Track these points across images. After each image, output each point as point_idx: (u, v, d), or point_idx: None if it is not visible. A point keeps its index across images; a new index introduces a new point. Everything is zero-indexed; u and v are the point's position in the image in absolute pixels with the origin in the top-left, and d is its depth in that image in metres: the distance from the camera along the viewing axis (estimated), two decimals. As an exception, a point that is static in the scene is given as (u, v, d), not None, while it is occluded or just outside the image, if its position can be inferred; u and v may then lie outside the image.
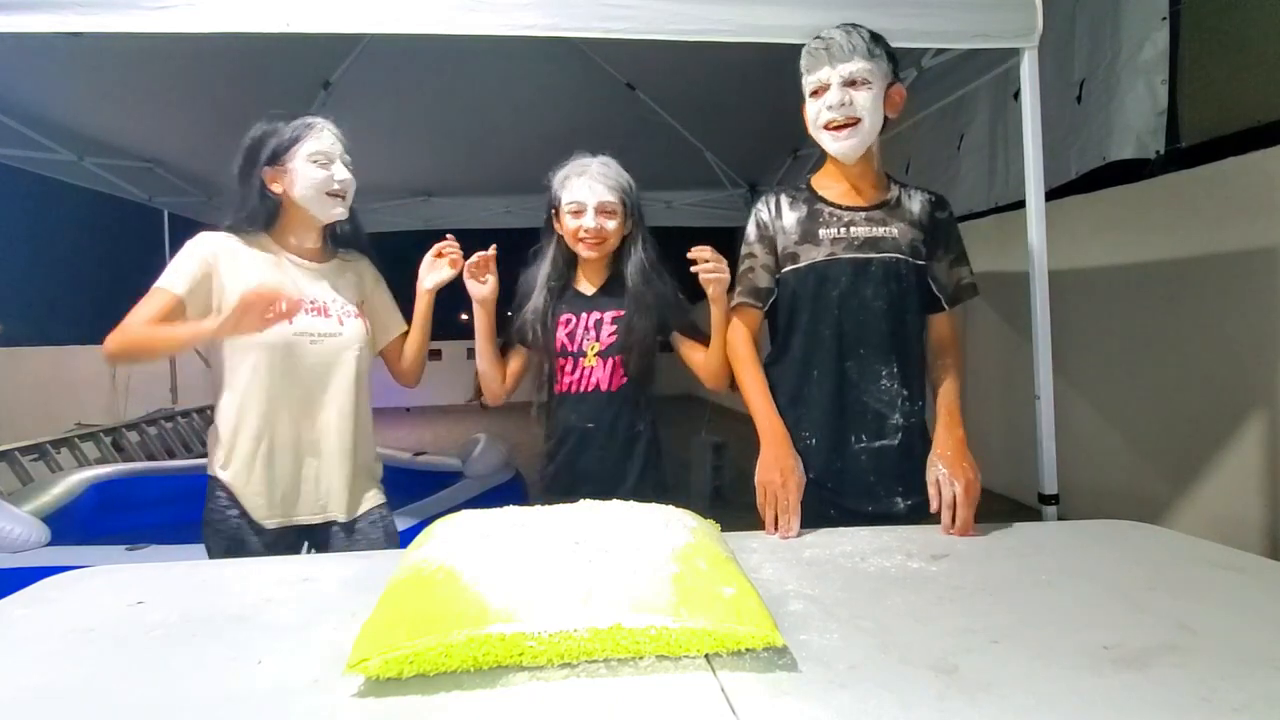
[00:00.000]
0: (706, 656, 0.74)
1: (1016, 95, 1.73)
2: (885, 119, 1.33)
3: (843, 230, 1.35)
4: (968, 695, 0.67)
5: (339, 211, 1.40)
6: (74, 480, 3.49)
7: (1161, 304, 3.11)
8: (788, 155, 4.11)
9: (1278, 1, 2.62)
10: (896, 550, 1.10)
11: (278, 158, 1.35)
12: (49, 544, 2.55)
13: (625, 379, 1.50)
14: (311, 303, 1.40)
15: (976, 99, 3.88)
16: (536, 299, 1.52)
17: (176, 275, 1.33)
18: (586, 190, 1.47)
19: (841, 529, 1.22)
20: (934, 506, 1.26)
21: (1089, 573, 1.00)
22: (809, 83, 1.32)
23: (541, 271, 1.54)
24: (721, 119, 3.83)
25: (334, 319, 1.42)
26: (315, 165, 1.35)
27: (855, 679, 0.70)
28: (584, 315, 1.52)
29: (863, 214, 1.35)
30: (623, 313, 1.50)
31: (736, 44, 1.58)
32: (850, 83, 1.27)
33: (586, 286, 1.56)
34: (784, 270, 1.38)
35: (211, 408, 1.41)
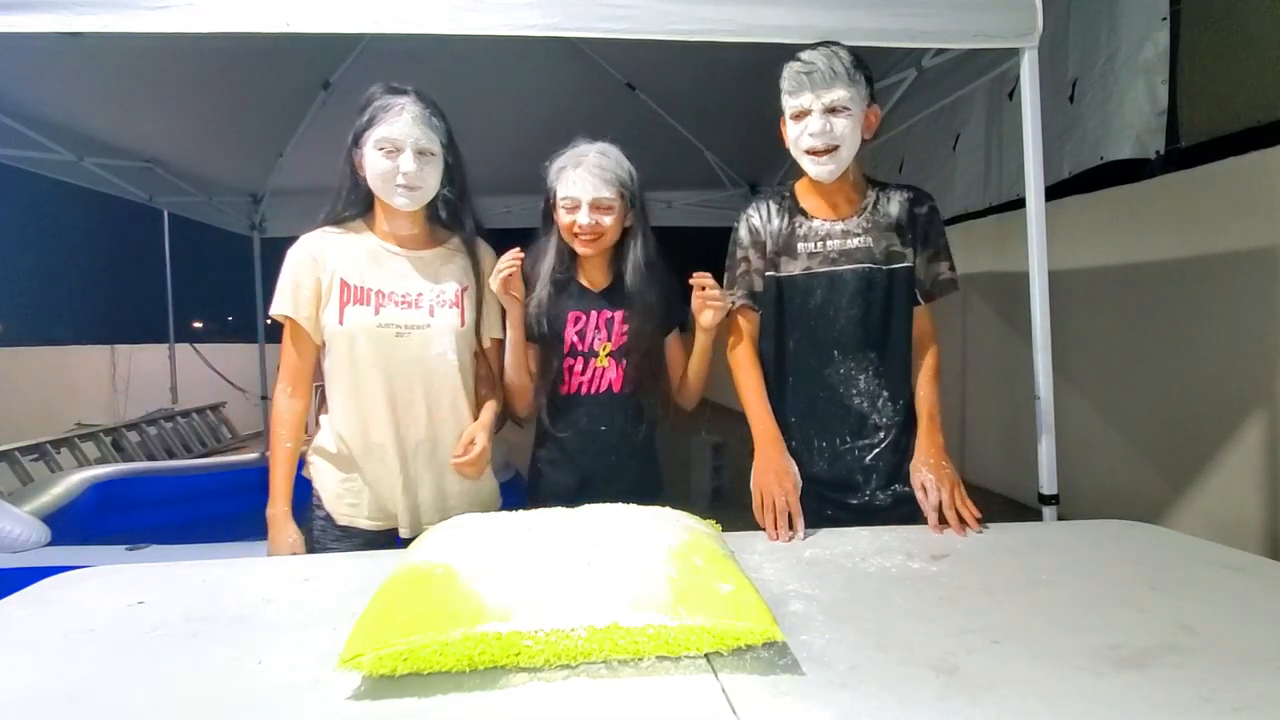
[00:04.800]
0: (707, 657, 0.74)
1: (1012, 95, 1.74)
2: (862, 139, 1.34)
3: (818, 244, 1.38)
4: (968, 695, 0.67)
5: (405, 202, 1.31)
6: (74, 480, 3.49)
7: (1161, 304, 3.11)
8: (788, 155, 4.11)
9: (1278, 2, 2.62)
10: (897, 550, 1.10)
11: (357, 140, 1.31)
12: (49, 544, 2.54)
13: (637, 380, 1.48)
14: (404, 295, 1.33)
15: (972, 99, 3.87)
16: (540, 293, 1.46)
17: (285, 299, 1.32)
18: (580, 185, 1.40)
19: (841, 529, 1.22)
20: (923, 504, 1.29)
21: (1089, 573, 1.00)
22: (790, 105, 1.32)
23: (545, 264, 1.48)
24: (721, 119, 3.82)
25: (424, 310, 1.34)
26: (381, 154, 1.28)
27: (856, 679, 0.70)
28: (594, 314, 1.47)
29: (839, 225, 1.38)
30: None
31: (736, 44, 1.58)
32: (831, 110, 1.28)
33: (592, 282, 1.51)
34: (765, 275, 1.42)
35: (212, 408, 1.43)
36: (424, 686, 0.69)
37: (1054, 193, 3.39)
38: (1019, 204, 1.73)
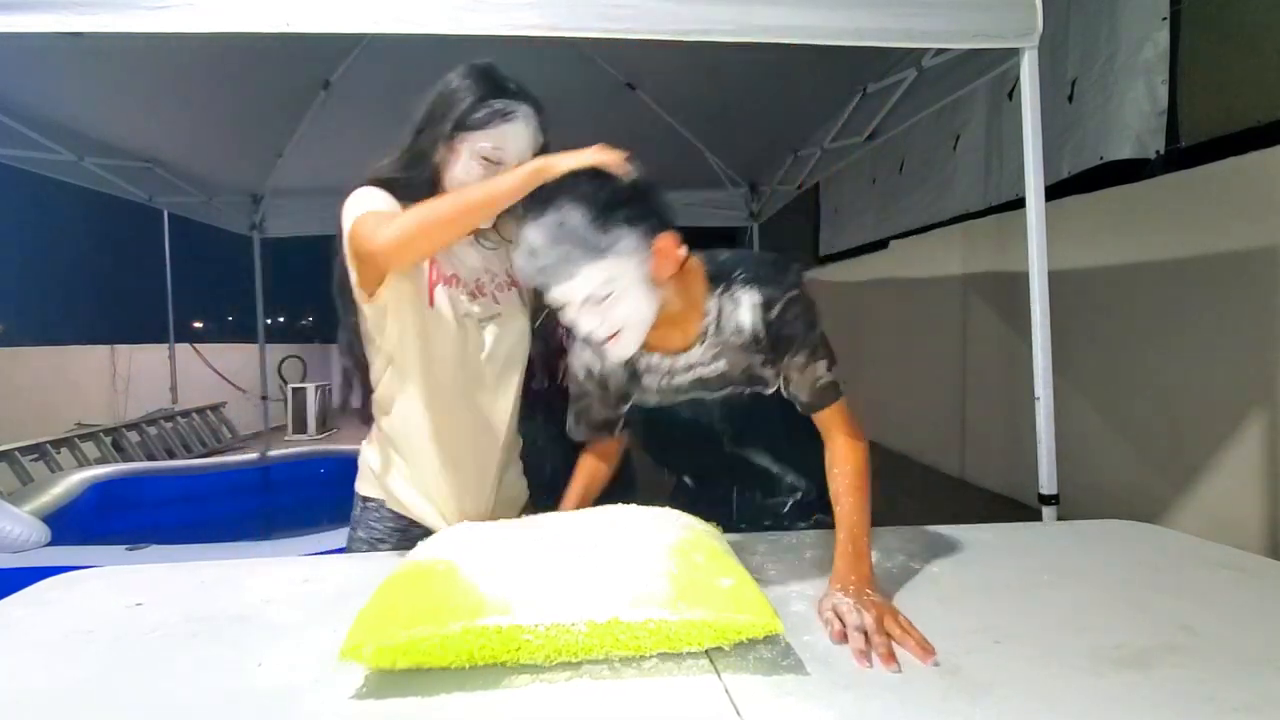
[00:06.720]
0: (710, 658, 0.74)
1: (1011, 95, 1.74)
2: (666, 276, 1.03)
3: (664, 380, 1.16)
4: (970, 695, 0.67)
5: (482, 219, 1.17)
6: (74, 480, 3.49)
7: (1161, 304, 3.11)
8: (788, 155, 4.11)
9: (1278, 2, 2.62)
10: (898, 550, 1.10)
11: (457, 130, 1.16)
12: (49, 544, 2.54)
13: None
14: (477, 282, 1.23)
15: (973, 100, 3.89)
16: None
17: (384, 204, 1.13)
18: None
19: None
20: (834, 635, 0.82)
21: (1089, 573, 1.00)
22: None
23: None
24: (721, 119, 3.82)
25: (489, 296, 1.24)
26: (478, 164, 1.15)
27: (859, 679, 0.70)
28: None
29: (680, 360, 1.13)
30: None
31: (736, 44, 1.58)
32: (586, 300, 0.98)
33: None
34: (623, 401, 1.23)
35: (212, 408, 1.38)
36: (426, 687, 0.69)
37: (1054, 193, 3.39)
38: (1019, 204, 1.73)
